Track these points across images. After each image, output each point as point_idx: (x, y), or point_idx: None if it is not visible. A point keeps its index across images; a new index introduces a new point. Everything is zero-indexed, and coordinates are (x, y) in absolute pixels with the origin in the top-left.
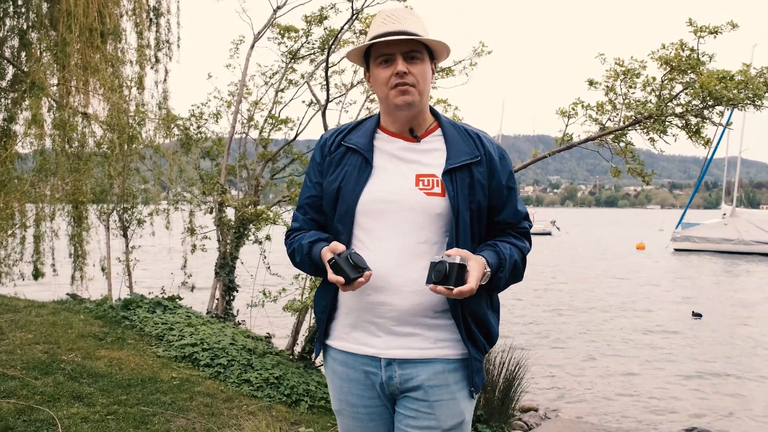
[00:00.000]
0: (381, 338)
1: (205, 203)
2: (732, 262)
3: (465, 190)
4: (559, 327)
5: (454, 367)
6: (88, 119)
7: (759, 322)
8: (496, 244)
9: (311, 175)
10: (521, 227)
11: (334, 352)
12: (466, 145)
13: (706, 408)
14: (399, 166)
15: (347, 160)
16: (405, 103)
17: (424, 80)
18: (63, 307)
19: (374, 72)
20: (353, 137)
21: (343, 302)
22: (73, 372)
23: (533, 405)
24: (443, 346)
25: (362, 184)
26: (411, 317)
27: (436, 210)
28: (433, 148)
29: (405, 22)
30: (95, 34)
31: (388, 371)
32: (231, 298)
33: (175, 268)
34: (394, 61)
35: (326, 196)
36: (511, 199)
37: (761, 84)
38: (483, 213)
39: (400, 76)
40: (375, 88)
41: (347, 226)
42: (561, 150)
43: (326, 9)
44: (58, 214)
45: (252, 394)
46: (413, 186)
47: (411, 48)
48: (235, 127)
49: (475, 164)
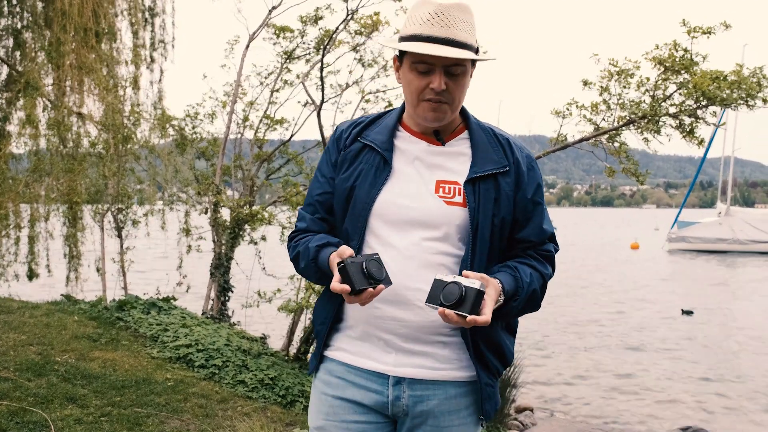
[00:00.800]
0: (392, 355)
1: (201, 204)
2: (727, 261)
3: (489, 203)
4: (554, 327)
5: (465, 392)
6: (82, 119)
7: (752, 321)
8: (517, 268)
9: (323, 169)
10: (545, 249)
11: (332, 363)
12: (495, 152)
13: (701, 407)
14: (419, 169)
15: (363, 158)
16: (435, 120)
17: (461, 95)
18: (57, 308)
19: (407, 74)
20: (371, 133)
21: (350, 314)
22: (67, 373)
23: (528, 405)
24: (456, 367)
25: (379, 186)
26: (424, 334)
27: (456, 221)
28: (458, 152)
29: (455, 24)
30: (90, 33)
31: (396, 390)
32: (226, 299)
33: (170, 269)
34: (432, 74)
35: (337, 194)
36: (536, 215)
37: (754, 84)
38: (506, 229)
39: (436, 93)
40: (404, 87)
41: (358, 231)
42: (555, 150)
43: (321, 9)
44: (53, 214)
45: (247, 395)
46: (433, 193)
47: (456, 62)
48: (231, 128)
49: (503, 174)
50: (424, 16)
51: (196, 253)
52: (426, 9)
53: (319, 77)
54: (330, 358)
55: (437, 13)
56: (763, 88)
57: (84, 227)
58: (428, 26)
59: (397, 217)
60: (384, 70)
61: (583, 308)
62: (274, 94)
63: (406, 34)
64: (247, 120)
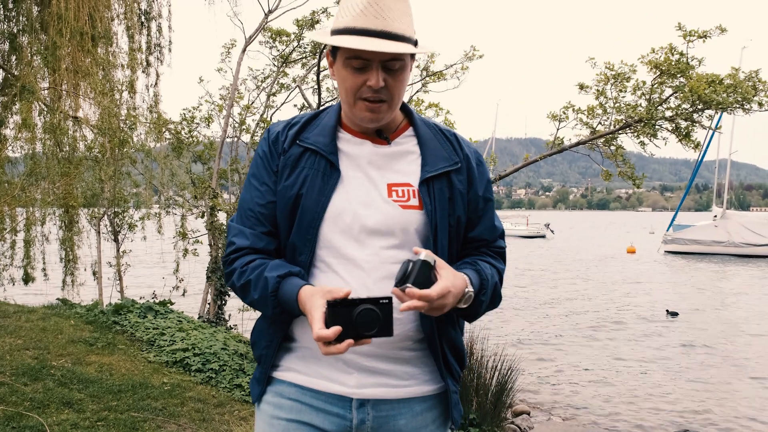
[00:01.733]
0: (353, 375)
1: (197, 207)
2: (722, 264)
3: (444, 203)
4: (551, 330)
5: (431, 405)
6: (78, 123)
7: (747, 324)
8: (476, 263)
9: (261, 176)
10: (498, 246)
11: (283, 385)
12: (444, 148)
13: (698, 409)
14: (368, 173)
15: (306, 163)
16: (372, 120)
17: (400, 92)
18: (53, 312)
19: (341, 72)
20: (311, 135)
21: (300, 333)
22: (63, 378)
23: (525, 408)
24: (420, 382)
25: (328, 194)
26: (387, 350)
27: (413, 225)
28: (405, 151)
29: (391, 14)
30: (86, 37)
31: (361, 413)
32: (223, 303)
33: (167, 273)
34: (369, 70)
35: (281, 203)
36: (487, 212)
37: (750, 88)
38: (461, 228)
39: (374, 91)
40: (339, 85)
41: (309, 244)
42: (552, 153)
43: (317, 13)
44: (49, 218)
45: (244, 399)
46: (386, 197)
47: (394, 56)
48: (227, 131)
49: (455, 172)
50: (357, 6)
51: (192, 256)
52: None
53: (315, 81)
54: (279, 380)
55: (371, 4)
56: (758, 92)
57: (80, 231)
58: (362, 17)
59: (350, 227)
60: None
61: (581, 312)
62: (271, 97)
63: (338, 27)
64: (243, 123)
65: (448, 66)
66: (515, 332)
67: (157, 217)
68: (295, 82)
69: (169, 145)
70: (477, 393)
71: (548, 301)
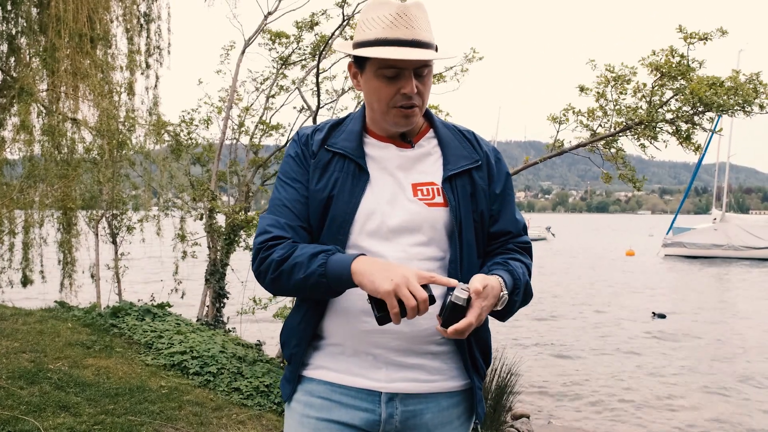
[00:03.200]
0: (382, 370)
1: (196, 209)
2: (722, 267)
3: (467, 199)
4: (552, 335)
5: (457, 401)
6: (77, 125)
7: (748, 327)
8: (507, 262)
9: (295, 173)
10: (523, 241)
11: (312, 384)
12: (464, 147)
13: (698, 414)
14: (394, 174)
15: (335, 167)
16: (407, 125)
17: (428, 95)
18: (50, 315)
19: (372, 82)
20: (338, 141)
21: (332, 330)
22: (60, 381)
23: (525, 412)
24: (448, 377)
25: (359, 195)
26: (416, 345)
27: (439, 222)
28: (427, 153)
29: (419, 26)
30: (85, 39)
31: (389, 408)
32: (221, 305)
33: (165, 275)
34: (402, 78)
35: (314, 204)
36: (508, 205)
37: (751, 90)
38: (486, 223)
39: (408, 98)
40: (367, 96)
41: (339, 243)
42: (552, 156)
43: (317, 15)
44: (47, 220)
45: (242, 402)
46: (411, 196)
47: (425, 63)
48: (226, 133)
49: (476, 169)
50: (387, 18)
51: (191, 259)
52: (386, 11)
53: (314, 83)
54: (309, 378)
55: (399, 15)
56: (759, 94)
57: (78, 233)
58: (393, 29)
59: (379, 226)
60: None
61: (582, 316)
62: (270, 99)
63: (368, 38)
64: (242, 125)
65: (447, 68)
66: (515, 335)
67: (155, 220)
68: (294, 84)
69: (168, 147)
70: None
71: (550, 303)
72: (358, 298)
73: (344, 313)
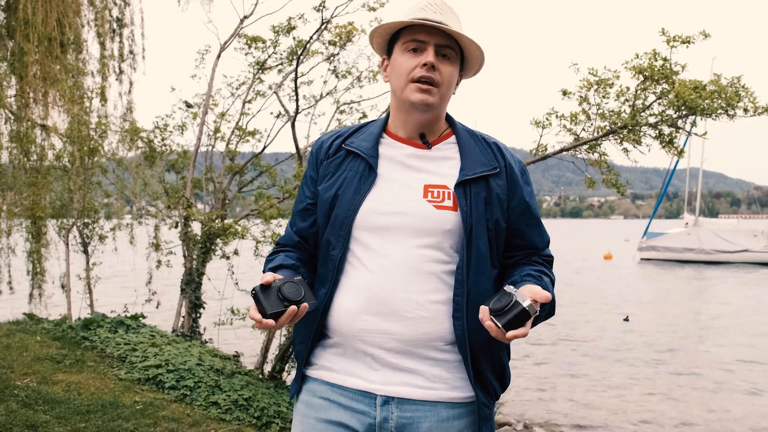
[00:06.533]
0: (379, 372)
1: (170, 217)
2: (695, 271)
3: (480, 205)
4: (535, 339)
5: (460, 413)
6: (47, 131)
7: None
8: (541, 277)
9: (306, 179)
10: (547, 255)
11: (315, 383)
12: (484, 154)
13: (684, 420)
14: (405, 174)
15: (347, 166)
16: (423, 102)
17: (449, 84)
18: (18, 328)
19: (397, 58)
20: (355, 141)
21: (334, 329)
22: (28, 398)
23: (507, 420)
24: (450, 387)
25: (363, 193)
26: (415, 348)
27: (446, 225)
28: (445, 156)
29: (447, 15)
30: (55, 43)
31: (384, 411)
32: (197, 316)
33: (139, 285)
34: (424, 51)
35: (321, 204)
36: (536, 220)
37: (734, 93)
38: (501, 233)
39: (427, 69)
40: (392, 77)
41: (341, 240)
42: (536, 161)
43: (294, 19)
44: (15, 229)
45: (220, 417)
46: (421, 198)
47: (447, 43)
48: (201, 140)
49: (493, 176)
50: (419, 4)
51: (165, 268)
52: (418, 1)
53: (292, 88)
54: (312, 378)
55: (430, 3)
56: (742, 98)
57: (48, 243)
58: (423, 11)
59: (382, 225)
60: (358, 81)
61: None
62: (246, 105)
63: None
64: (218, 131)
65: None
66: None
67: (128, 228)
68: (271, 89)
69: (142, 154)
70: None
71: None
72: (359, 295)
73: (345, 312)
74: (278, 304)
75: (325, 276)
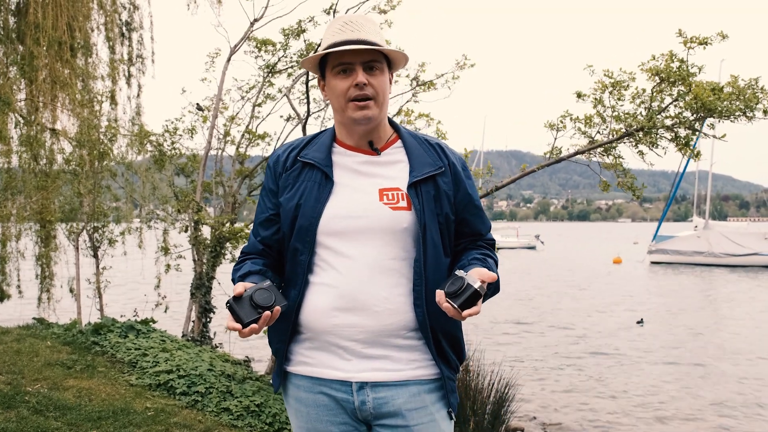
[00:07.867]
0: (351, 361)
1: (180, 221)
2: (706, 274)
3: (431, 203)
4: (547, 344)
5: (429, 388)
6: (56, 135)
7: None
8: (485, 260)
9: (266, 191)
10: (490, 239)
11: (297, 378)
12: (429, 155)
13: (697, 421)
14: (360, 181)
15: (305, 176)
16: (364, 117)
17: (383, 92)
18: (28, 333)
19: (331, 82)
20: (309, 152)
21: (305, 326)
22: (39, 405)
23: (520, 425)
24: (417, 367)
25: (323, 201)
26: (382, 338)
27: (403, 224)
28: (395, 161)
29: (364, 30)
30: (65, 47)
31: (361, 395)
32: (208, 320)
33: (149, 290)
34: (353, 72)
35: (284, 214)
36: (479, 209)
37: (752, 95)
38: (451, 225)
39: (359, 88)
40: (331, 98)
41: (308, 246)
42: (551, 163)
43: (304, 22)
44: (25, 233)
45: (232, 423)
46: (377, 201)
47: (371, 58)
48: (211, 143)
49: (440, 175)
50: (335, 27)
51: (175, 272)
52: (336, 23)
53: (302, 91)
54: (294, 374)
55: (346, 23)
56: (761, 99)
57: (57, 247)
58: (341, 34)
59: (345, 229)
60: None
61: (577, 327)
62: (256, 108)
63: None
64: (228, 135)
65: (439, 75)
66: (513, 349)
67: (138, 232)
68: (281, 93)
69: (151, 157)
70: (474, 412)
71: (546, 316)
72: (328, 294)
73: (317, 310)
74: (252, 312)
75: (295, 279)
